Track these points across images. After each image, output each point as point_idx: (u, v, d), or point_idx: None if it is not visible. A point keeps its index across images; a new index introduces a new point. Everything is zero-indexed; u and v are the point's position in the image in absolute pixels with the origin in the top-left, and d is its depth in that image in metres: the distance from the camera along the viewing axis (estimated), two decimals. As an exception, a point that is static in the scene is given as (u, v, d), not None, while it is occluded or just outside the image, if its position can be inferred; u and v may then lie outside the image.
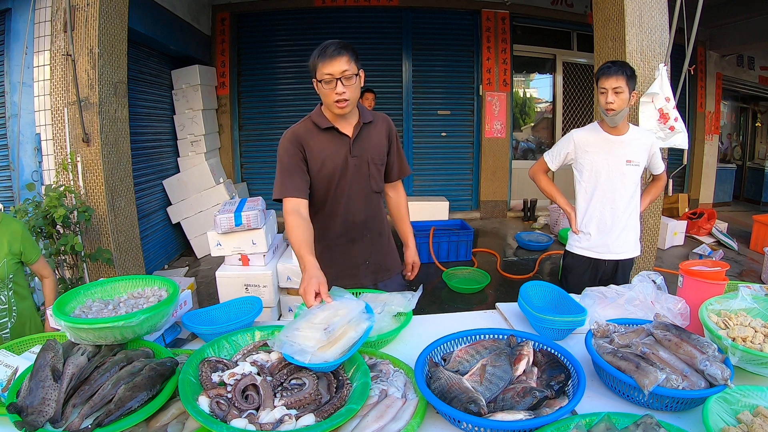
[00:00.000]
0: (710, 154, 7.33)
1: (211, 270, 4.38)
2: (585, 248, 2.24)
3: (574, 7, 6.50)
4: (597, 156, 2.14)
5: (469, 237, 4.91)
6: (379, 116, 1.82)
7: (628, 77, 1.99)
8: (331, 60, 1.54)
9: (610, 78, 1.99)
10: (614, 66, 2.01)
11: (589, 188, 2.19)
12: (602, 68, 2.04)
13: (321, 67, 1.57)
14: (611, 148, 2.12)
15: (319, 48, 1.59)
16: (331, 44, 1.57)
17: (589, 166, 2.17)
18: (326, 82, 1.57)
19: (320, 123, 1.69)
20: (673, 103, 3.00)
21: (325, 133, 1.70)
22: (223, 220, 3.10)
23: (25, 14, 3.07)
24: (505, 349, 1.23)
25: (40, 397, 0.99)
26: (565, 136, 2.25)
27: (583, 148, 2.17)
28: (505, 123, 6.47)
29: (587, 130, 2.20)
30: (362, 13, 6.26)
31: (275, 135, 6.64)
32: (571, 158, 2.24)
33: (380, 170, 1.81)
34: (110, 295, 1.42)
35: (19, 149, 3.14)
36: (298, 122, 1.74)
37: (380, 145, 1.78)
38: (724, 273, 1.52)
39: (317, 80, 1.60)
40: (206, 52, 5.98)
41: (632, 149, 2.12)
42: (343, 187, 1.73)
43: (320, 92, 1.62)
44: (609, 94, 2.00)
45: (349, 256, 1.82)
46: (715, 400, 1.01)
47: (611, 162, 2.12)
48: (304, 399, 1.02)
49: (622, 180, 2.13)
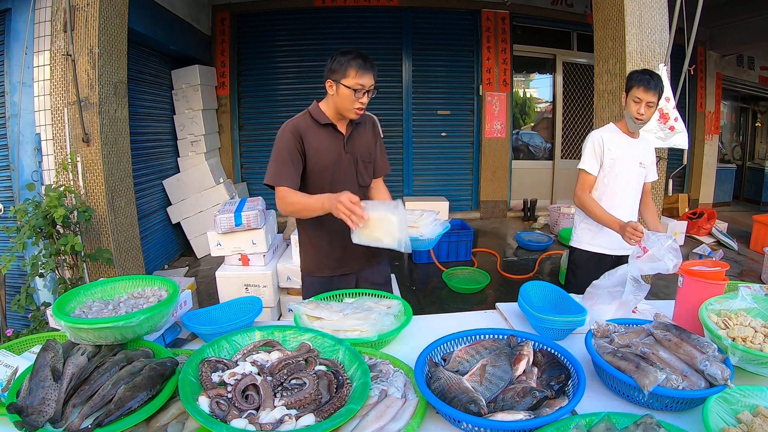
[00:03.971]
0: (710, 154, 7.33)
1: (211, 270, 4.38)
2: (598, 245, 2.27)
3: (574, 7, 6.50)
4: (619, 155, 2.20)
5: (469, 237, 4.91)
6: (366, 117, 1.92)
7: (660, 93, 2.08)
8: (366, 72, 1.67)
9: (649, 92, 2.04)
10: (653, 81, 2.04)
11: (611, 185, 2.23)
12: (641, 79, 2.06)
13: (356, 76, 1.66)
14: (630, 149, 2.21)
15: (351, 56, 1.67)
16: (363, 56, 1.68)
17: (612, 164, 2.21)
18: (357, 91, 1.67)
19: (319, 119, 1.78)
20: (673, 103, 3.00)
21: (323, 128, 1.79)
22: (223, 220, 3.10)
23: (25, 14, 3.07)
24: (505, 349, 1.23)
25: (40, 397, 0.99)
26: (589, 139, 2.26)
27: (608, 147, 2.21)
28: (505, 123, 6.47)
29: (608, 131, 2.25)
30: (362, 13, 6.26)
31: (275, 135, 6.67)
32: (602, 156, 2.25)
33: (368, 167, 1.93)
34: (110, 295, 1.42)
35: (19, 149, 3.14)
36: (297, 116, 1.81)
37: (368, 145, 1.92)
38: (724, 273, 1.51)
39: (343, 85, 1.67)
40: (206, 52, 5.98)
41: (644, 152, 2.24)
42: (337, 181, 1.82)
43: (340, 96, 1.70)
44: (642, 106, 2.07)
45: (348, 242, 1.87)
46: (715, 400, 1.01)
47: (629, 162, 2.21)
48: (304, 399, 1.02)
49: (635, 179, 2.24)
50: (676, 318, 1.53)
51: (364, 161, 1.89)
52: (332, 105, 1.76)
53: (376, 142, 1.96)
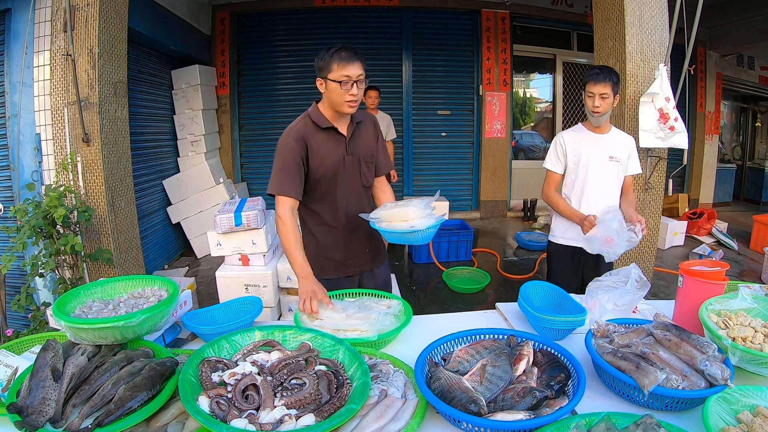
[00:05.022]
0: (710, 154, 7.32)
1: (211, 270, 4.38)
2: (569, 239, 2.37)
3: (574, 7, 6.50)
4: (584, 152, 2.30)
5: (469, 237, 4.91)
6: (366, 116, 1.94)
7: (614, 83, 2.16)
8: (349, 63, 1.66)
9: (598, 84, 2.15)
10: (602, 73, 2.16)
11: (579, 182, 2.33)
12: (591, 74, 2.19)
13: (338, 68, 1.66)
14: (596, 145, 2.29)
15: (333, 49, 1.68)
16: (346, 48, 1.68)
17: (576, 161, 2.32)
18: (343, 83, 1.66)
19: (320, 122, 1.78)
20: (673, 103, 3.00)
21: (324, 132, 1.79)
22: (223, 220, 3.10)
23: (25, 14, 3.07)
24: (505, 349, 1.23)
25: (40, 397, 0.99)
26: (554, 140, 2.40)
27: (572, 146, 2.33)
28: (505, 123, 6.47)
29: (572, 130, 2.37)
30: (362, 13, 6.26)
31: (275, 135, 6.61)
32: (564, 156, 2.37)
33: (370, 167, 1.93)
34: (110, 295, 1.42)
35: (19, 149, 3.14)
36: (297, 121, 1.80)
37: (370, 144, 1.92)
38: (724, 273, 1.51)
39: (330, 80, 1.68)
40: (206, 52, 5.98)
41: (614, 146, 2.29)
42: (341, 183, 1.83)
43: (330, 91, 1.70)
44: (596, 99, 2.17)
45: (351, 244, 1.93)
46: (715, 400, 1.01)
47: (596, 157, 2.28)
48: (304, 399, 1.02)
49: (606, 174, 2.29)
50: (676, 318, 1.53)
51: (366, 161, 1.89)
52: (327, 104, 1.76)
53: (377, 141, 1.96)
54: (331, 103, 1.74)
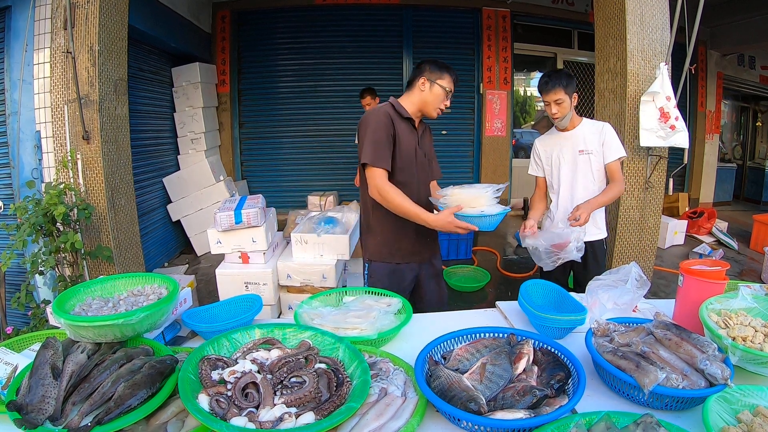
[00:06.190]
0: (710, 154, 7.32)
1: (211, 268, 4.38)
2: None
3: (575, 6, 6.48)
4: (554, 153, 2.39)
5: (469, 235, 4.90)
6: (425, 124, 2.15)
7: (564, 87, 2.20)
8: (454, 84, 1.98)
9: (549, 93, 2.22)
10: (551, 81, 2.21)
11: (555, 183, 2.43)
12: (540, 84, 2.27)
13: (449, 81, 1.95)
14: (564, 143, 2.37)
15: (449, 68, 1.97)
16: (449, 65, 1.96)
17: (548, 161, 2.43)
18: (447, 94, 1.95)
19: (402, 112, 1.95)
20: (673, 102, 2.99)
21: (404, 121, 1.96)
22: (223, 218, 3.10)
23: (25, 11, 3.06)
24: (505, 347, 1.23)
25: (39, 395, 0.99)
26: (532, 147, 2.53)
27: (543, 149, 2.44)
28: (505, 121, 6.47)
29: (546, 134, 2.48)
30: (363, 11, 6.25)
31: (275, 133, 6.67)
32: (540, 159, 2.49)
33: (432, 165, 2.14)
34: (110, 292, 1.42)
35: (19, 147, 3.14)
36: (380, 106, 1.96)
37: (431, 147, 2.15)
38: (724, 272, 1.51)
39: (439, 84, 1.92)
40: (206, 49, 5.97)
41: (582, 140, 2.33)
42: (416, 172, 2.00)
43: (432, 93, 1.93)
44: (552, 106, 2.25)
45: (422, 231, 2.01)
46: (715, 400, 1.01)
47: (565, 155, 2.36)
48: (304, 397, 1.02)
49: (577, 169, 2.34)
50: (676, 317, 1.53)
51: (429, 160, 2.09)
52: (417, 102, 1.95)
53: (433, 147, 2.18)
54: (423, 103, 1.94)
